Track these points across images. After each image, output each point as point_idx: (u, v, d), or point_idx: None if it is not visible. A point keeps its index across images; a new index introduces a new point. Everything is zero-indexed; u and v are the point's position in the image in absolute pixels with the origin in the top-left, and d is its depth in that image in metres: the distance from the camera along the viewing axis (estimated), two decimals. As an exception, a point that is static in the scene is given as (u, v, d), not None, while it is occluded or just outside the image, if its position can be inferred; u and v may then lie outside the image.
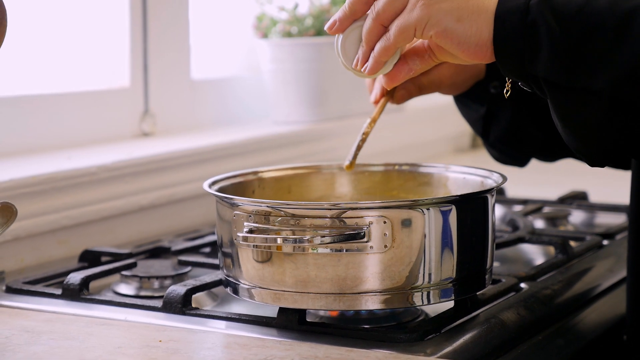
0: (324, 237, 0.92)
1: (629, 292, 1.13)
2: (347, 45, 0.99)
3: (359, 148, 1.14)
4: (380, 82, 1.15)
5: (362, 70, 0.98)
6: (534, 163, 2.19)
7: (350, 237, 0.92)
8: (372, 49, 0.96)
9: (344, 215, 0.93)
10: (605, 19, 0.87)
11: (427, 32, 0.92)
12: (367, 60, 0.97)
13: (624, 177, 1.99)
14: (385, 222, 0.93)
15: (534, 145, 1.26)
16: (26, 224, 1.26)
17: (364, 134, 1.14)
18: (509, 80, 0.99)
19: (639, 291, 1.11)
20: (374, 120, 1.15)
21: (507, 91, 0.99)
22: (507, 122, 1.22)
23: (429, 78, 1.18)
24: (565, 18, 0.88)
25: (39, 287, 1.13)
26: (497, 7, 0.91)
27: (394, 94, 1.19)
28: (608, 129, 0.89)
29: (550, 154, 1.32)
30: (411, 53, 0.99)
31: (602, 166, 0.95)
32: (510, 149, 1.28)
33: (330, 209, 0.93)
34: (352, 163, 1.14)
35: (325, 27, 1.00)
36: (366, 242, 0.93)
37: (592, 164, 0.95)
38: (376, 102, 1.18)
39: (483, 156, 2.28)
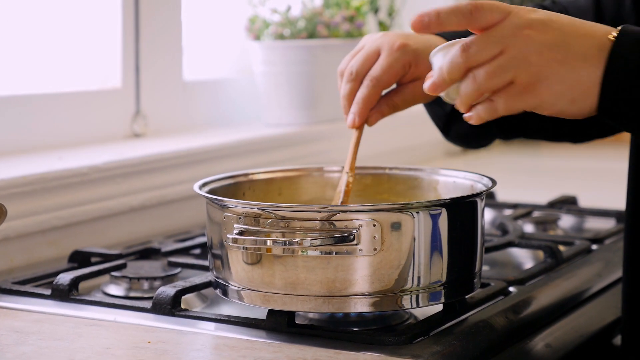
0: (313, 239, 0.92)
1: (624, 293, 1.13)
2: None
3: (345, 200, 1.09)
4: (358, 104, 1.10)
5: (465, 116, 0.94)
6: (524, 168, 2.20)
7: (340, 239, 0.92)
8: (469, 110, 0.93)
9: (333, 218, 0.93)
10: None
11: (538, 111, 0.90)
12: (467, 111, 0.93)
13: (613, 183, 1.99)
14: (375, 225, 0.93)
15: (492, 141, 1.25)
16: (16, 224, 1.26)
17: (346, 186, 1.09)
18: None
19: (634, 292, 1.11)
20: (352, 169, 1.10)
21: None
22: (469, 125, 1.21)
23: (403, 97, 1.13)
24: None
25: (28, 288, 1.13)
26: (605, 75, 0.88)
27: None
28: None
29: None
30: None
31: None
32: (469, 143, 1.27)
33: (320, 212, 0.93)
34: None
35: (425, 88, 0.92)
36: (356, 244, 0.93)
37: None
38: (354, 126, 1.11)
39: (473, 160, 2.29)
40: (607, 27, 0.90)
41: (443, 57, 0.91)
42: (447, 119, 1.21)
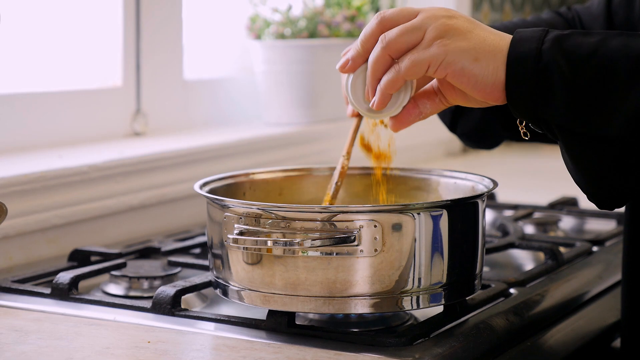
0: (314, 240, 0.92)
1: (624, 296, 1.13)
2: (357, 85, 0.96)
3: (337, 188, 1.09)
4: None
5: (370, 106, 0.94)
6: (524, 169, 2.20)
7: (341, 240, 0.92)
8: (379, 80, 0.93)
9: (334, 219, 0.93)
10: (618, 62, 0.86)
11: (441, 71, 0.90)
12: (374, 94, 0.94)
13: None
14: (375, 226, 0.93)
15: (499, 141, 1.25)
16: (16, 223, 1.25)
17: (342, 168, 1.09)
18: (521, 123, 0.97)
19: (634, 295, 1.11)
20: (348, 153, 1.10)
21: (524, 133, 0.98)
22: (476, 121, 1.20)
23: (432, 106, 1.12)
24: (577, 62, 0.87)
25: (27, 286, 1.12)
26: (510, 50, 0.90)
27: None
28: (620, 173, 0.88)
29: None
30: (421, 96, 0.97)
31: (611, 209, 0.95)
32: (475, 142, 1.27)
33: (321, 212, 0.93)
34: (331, 202, 1.09)
35: (337, 67, 0.96)
36: (356, 245, 0.93)
37: (601, 206, 0.94)
38: (353, 115, 1.10)
39: (474, 160, 2.28)
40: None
41: (357, 78, 0.96)
42: (453, 115, 1.20)
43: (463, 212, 0.98)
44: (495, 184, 1.04)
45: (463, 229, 0.98)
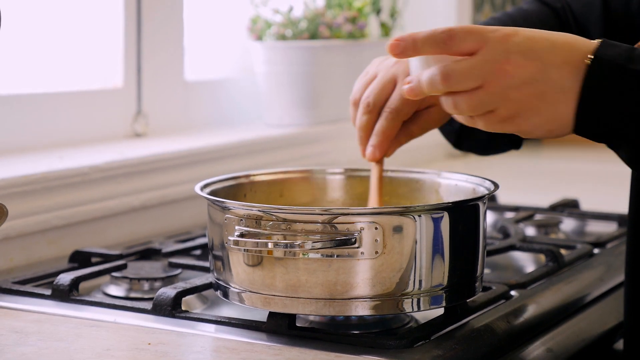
0: (315, 242, 0.92)
1: (627, 297, 1.12)
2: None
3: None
4: (378, 137, 1.08)
5: None
6: (525, 171, 2.20)
7: (342, 242, 0.92)
8: None
9: (335, 221, 0.93)
10: None
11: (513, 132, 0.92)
12: None
13: (615, 186, 1.99)
14: (376, 228, 0.92)
15: (505, 150, 1.25)
16: (16, 224, 1.25)
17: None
18: None
19: (637, 296, 1.11)
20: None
21: None
22: (482, 141, 1.21)
23: (419, 125, 1.11)
24: None
25: (28, 287, 1.12)
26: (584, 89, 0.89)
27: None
28: None
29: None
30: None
31: None
32: (482, 152, 1.27)
33: (321, 214, 0.93)
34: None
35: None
36: (357, 247, 0.93)
37: None
38: (375, 159, 1.10)
39: (475, 162, 2.28)
40: (585, 46, 0.90)
41: (420, 66, 0.92)
42: (458, 135, 1.21)
43: (464, 214, 0.98)
44: (497, 186, 1.04)
45: (464, 231, 0.98)
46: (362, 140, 1.10)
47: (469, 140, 1.21)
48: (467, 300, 1.03)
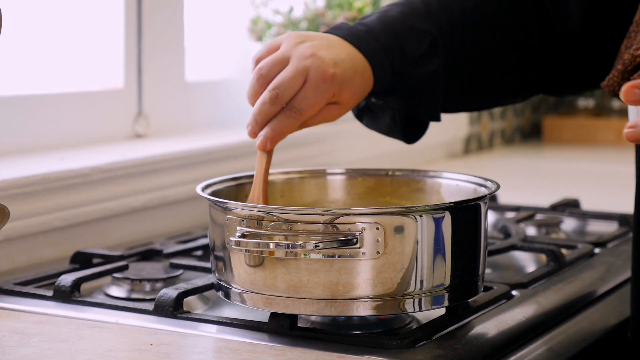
0: (316, 242, 0.92)
1: (634, 293, 1.12)
2: None
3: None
4: (274, 131, 1.05)
5: None
6: (525, 171, 2.20)
7: (343, 243, 0.92)
8: None
9: (336, 221, 0.93)
10: None
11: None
12: None
13: (615, 185, 1.99)
14: (378, 229, 0.93)
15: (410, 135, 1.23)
16: (18, 225, 1.25)
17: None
18: None
19: None
20: (266, 199, 1.06)
21: None
22: (386, 125, 1.18)
23: (316, 120, 1.10)
24: None
25: (29, 289, 1.13)
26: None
27: None
28: None
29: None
30: None
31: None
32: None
33: (323, 215, 0.93)
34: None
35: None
36: (359, 248, 0.93)
37: None
38: (265, 150, 1.06)
39: (475, 162, 2.29)
40: None
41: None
42: (360, 112, 1.19)
43: (465, 214, 0.98)
44: (498, 186, 1.04)
45: (465, 231, 0.98)
46: (257, 124, 1.05)
47: (370, 122, 1.20)
48: (469, 300, 1.03)
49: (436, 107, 1.16)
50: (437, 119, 1.17)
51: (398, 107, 1.14)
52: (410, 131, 1.18)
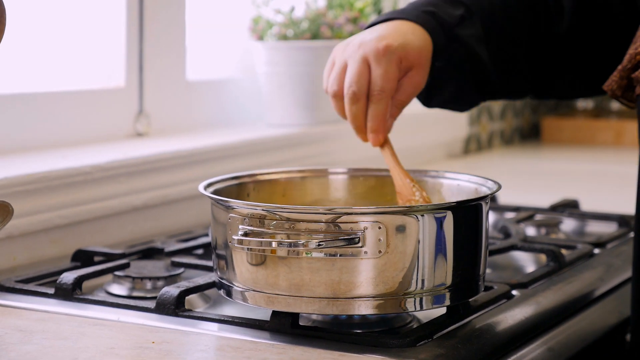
0: (318, 241, 0.92)
1: (634, 293, 1.12)
2: None
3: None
4: (375, 121, 1.12)
5: None
6: (525, 171, 2.21)
7: (345, 242, 0.92)
8: None
9: (339, 220, 0.93)
10: None
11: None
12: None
13: (615, 187, 2.00)
14: (380, 228, 0.93)
15: (474, 105, 1.28)
16: (19, 223, 1.26)
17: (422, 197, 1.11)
18: None
19: None
20: (413, 180, 1.12)
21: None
22: (451, 93, 1.24)
23: (405, 92, 1.14)
24: None
25: (31, 286, 1.13)
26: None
27: None
28: None
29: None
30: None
31: None
32: (451, 108, 1.29)
33: (325, 214, 0.93)
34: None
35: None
36: (361, 247, 0.93)
37: None
38: (380, 144, 1.13)
39: (475, 162, 2.29)
40: None
41: None
42: (428, 91, 1.22)
43: (467, 214, 0.98)
44: (499, 186, 1.04)
45: (467, 230, 0.98)
46: (360, 129, 1.12)
47: (438, 95, 1.23)
48: (469, 300, 1.03)
49: (495, 64, 1.21)
50: (502, 88, 1.23)
51: (464, 60, 1.18)
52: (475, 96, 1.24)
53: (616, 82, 1.08)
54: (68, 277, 1.11)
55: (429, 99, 1.24)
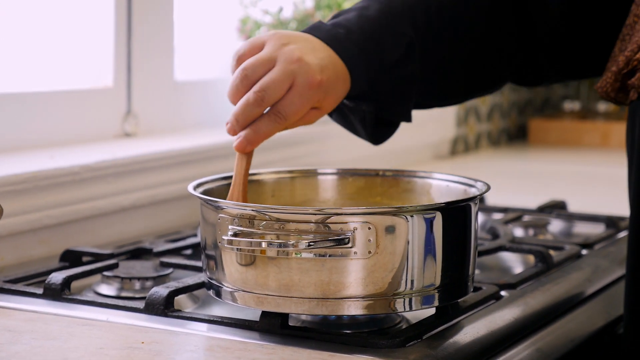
0: (308, 242, 0.92)
1: (628, 291, 1.12)
2: None
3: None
4: (256, 134, 1.04)
5: None
6: (512, 172, 2.21)
7: (335, 242, 0.93)
8: None
9: (328, 221, 0.93)
10: None
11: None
12: None
13: (602, 188, 2.01)
14: (369, 228, 0.93)
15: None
16: (7, 223, 1.25)
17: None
18: None
19: (638, 289, 1.11)
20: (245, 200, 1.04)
21: None
22: (351, 125, 1.19)
23: (296, 123, 1.09)
24: None
25: (19, 286, 1.12)
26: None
27: None
28: None
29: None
30: None
31: None
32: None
33: (315, 214, 0.93)
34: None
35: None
36: (350, 247, 0.93)
37: None
38: (244, 152, 1.05)
39: (462, 163, 2.30)
40: None
41: None
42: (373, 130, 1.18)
43: (456, 214, 0.98)
44: (488, 187, 1.05)
45: (456, 231, 0.98)
46: (239, 124, 1.03)
47: (337, 115, 1.19)
48: (458, 301, 1.04)
49: (408, 109, 1.17)
50: (409, 120, 1.18)
51: (369, 110, 1.14)
52: (379, 131, 1.18)
53: (610, 85, 1.08)
54: (57, 277, 1.10)
55: (331, 113, 1.20)
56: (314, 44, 1.07)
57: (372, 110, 1.14)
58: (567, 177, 2.16)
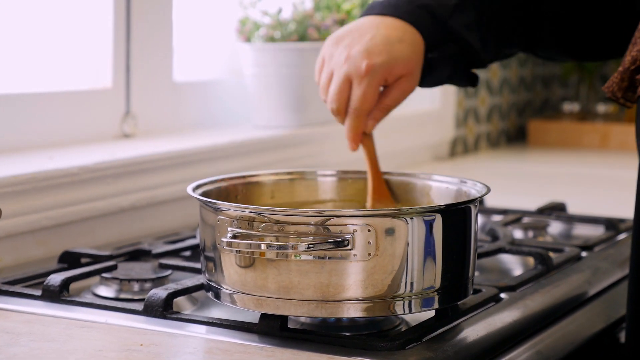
0: (307, 244, 0.92)
1: (631, 292, 1.11)
2: None
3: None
4: (349, 132, 1.19)
5: None
6: (511, 174, 2.21)
7: (334, 244, 0.92)
8: None
9: (328, 223, 0.93)
10: None
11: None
12: None
13: (602, 190, 2.00)
14: (369, 231, 0.93)
15: (469, 82, 1.29)
16: (6, 224, 1.25)
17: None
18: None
19: None
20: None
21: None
22: (444, 75, 1.25)
23: (392, 98, 1.19)
24: None
25: (18, 288, 1.12)
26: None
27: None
28: None
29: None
30: None
31: None
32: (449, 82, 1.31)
33: (314, 216, 0.93)
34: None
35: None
36: (350, 249, 0.93)
37: None
38: (354, 149, 1.20)
39: (461, 165, 2.29)
40: None
41: None
42: (421, 75, 1.23)
43: (456, 216, 0.98)
44: (488, 189, 1.04)
45: (456, 233, 0.98)
46: (348, 134, 1.20)
47: (430, 78, 1.25)
48: (458, 303, 1.03)
49: (486, 47, 1.23)
50: (495, 59, 1.26)
51: (455, 53, 1.21)
52: (473, 75, 1.26)
53: (617, 84, 1.08)
54: (55, 279, 1.10)
55: (421, 81, 1.25)
56: (363, 28, 1.17)
57: (458, 52, 1.21)
58: (566, 179, 2.16)
